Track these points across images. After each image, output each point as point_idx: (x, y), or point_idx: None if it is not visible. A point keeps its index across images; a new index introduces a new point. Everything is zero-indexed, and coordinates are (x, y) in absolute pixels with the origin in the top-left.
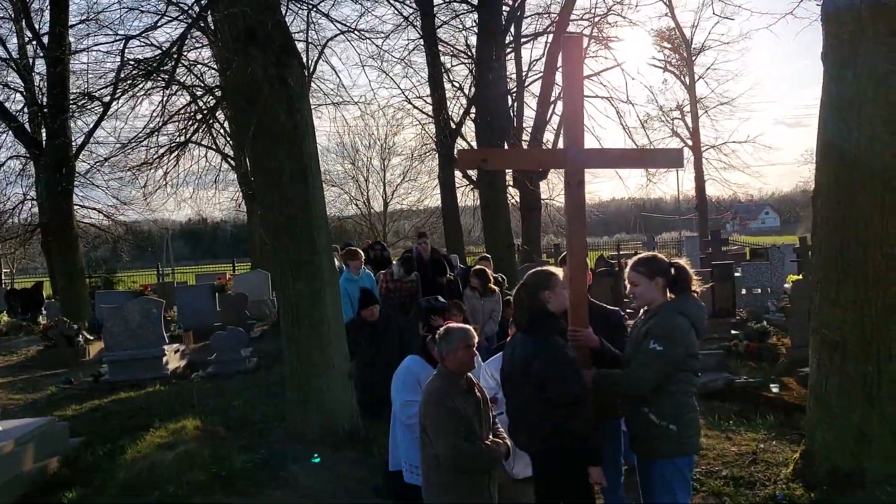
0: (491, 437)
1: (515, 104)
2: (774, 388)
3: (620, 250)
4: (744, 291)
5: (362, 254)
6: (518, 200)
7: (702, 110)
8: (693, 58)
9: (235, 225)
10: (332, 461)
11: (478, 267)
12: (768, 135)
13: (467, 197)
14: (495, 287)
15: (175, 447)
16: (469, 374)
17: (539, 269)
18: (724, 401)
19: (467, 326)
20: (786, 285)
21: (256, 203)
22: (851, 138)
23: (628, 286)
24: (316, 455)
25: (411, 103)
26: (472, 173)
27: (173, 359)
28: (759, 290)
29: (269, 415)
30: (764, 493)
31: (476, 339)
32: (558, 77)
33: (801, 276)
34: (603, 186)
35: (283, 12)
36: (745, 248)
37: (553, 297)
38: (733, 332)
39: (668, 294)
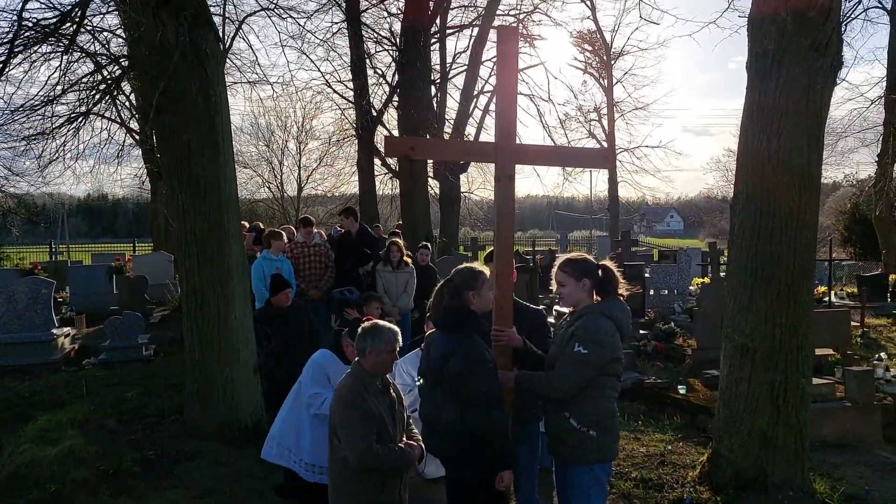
0: (405, 438)
1: (438, 95)
2: (682, 390)
3: (536, 246)
4: (651, 292)
5: (285, 235)
6: (437, 192)
7: (618, 114)
8: (612, 62)
9: (138, 203)
10: (234, 458)
11: (392, 240)
12: (676, 141)
13: (385, 185)
14: (408, 259)
15: (59, 442)
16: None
17: (465, 266)
18: (633, 400)
19: (396, 329)
20: (691, 287)
21: (162, 181)
22: (771, 147)
23: (554, 286)
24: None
25: (331, 87)
26: (392, 162)
27: (63, 344)
28: (666, 292)
29: (165, 407)
30: (673, 496)
31: (400, 342)
32: (482, 71)
33: (706, 280)
34: (520, 183)
35: None
36: (653, 249)
37: (477, 297)
38: (641, 331)
39: (595, 296)
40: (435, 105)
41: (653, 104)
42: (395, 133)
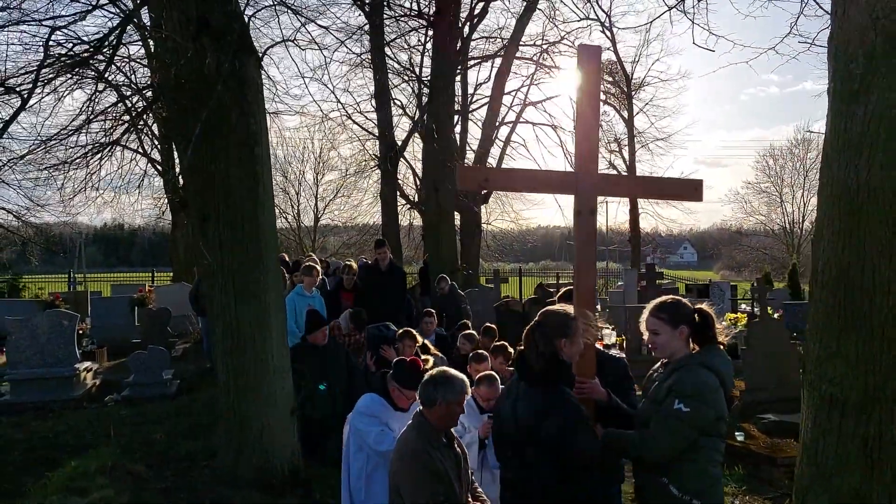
0: (471, 499)
1: (459, 125)
2: (740, 437)
3: (560, 279)
4: None
5: (319, 270)
6: (458, 224)
7: (639, 144)
8: (633, 92)
9: (155, 233)
10: None
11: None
12: (689, 173)
13: (403, 217)
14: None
15: (87, 492)
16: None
17: (555, 310)
18: None
19: (466, 378)
20: (724, 323)
21: (184, 212)
22: (861, 178)
23: (646, 334)
24: None
25: (352, 119)
26: (411, 194)
27: (85, 379)
28: None
29: (195, 451)
30: None
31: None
32: (506, 100)
33: (739, 315)
34: (534, 212)
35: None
36: (675, 282)
37: (569, 346)
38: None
39: (691, 345)
40: (457, 136)
41: (674, 135)
42: (417, 165)
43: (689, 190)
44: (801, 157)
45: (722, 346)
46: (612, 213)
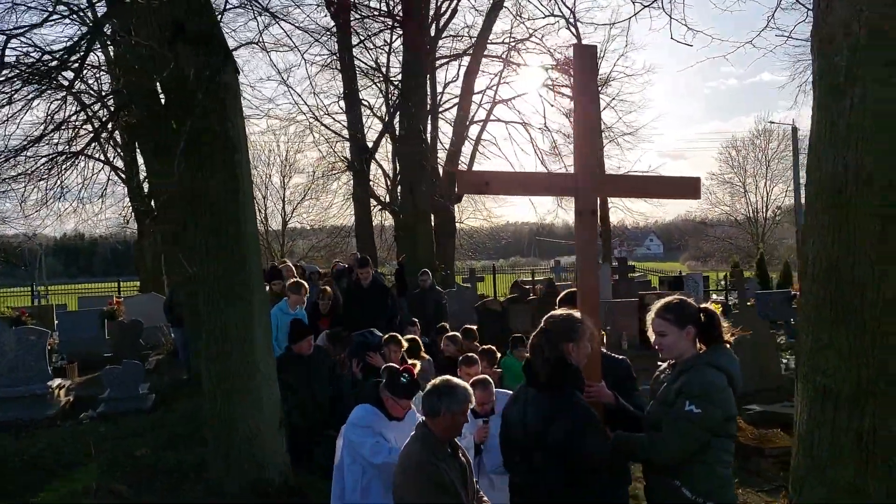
0: None
1: (430, 125)
2: None
3: (535, 275)
4: None
5: (307, 289)
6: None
7: (608, 140)
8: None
9: (119, 242)
10: None
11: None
12: (655, 167)
13: (375, 217)
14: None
15: None
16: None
17: (562, 314)
18: None
19: (469, 387)
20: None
21: (152, 220)
22: (849, 171)
23: (653, 335)
24: None
25: (319, 121)
26: (383, 195)
27: (59, 396)
28: None
29: (181, 464)
30: None
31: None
32: (476, 98)
33: (714, 306)
34: (504, 210)
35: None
36: (647, 275)
37: (576, 350)
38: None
39: (698, 344)
40: (428, 136)
41: (641, 129)
42: (387, 165)
43: (687, 189)
44: (763, 147)
45: (728, 345)
46: None
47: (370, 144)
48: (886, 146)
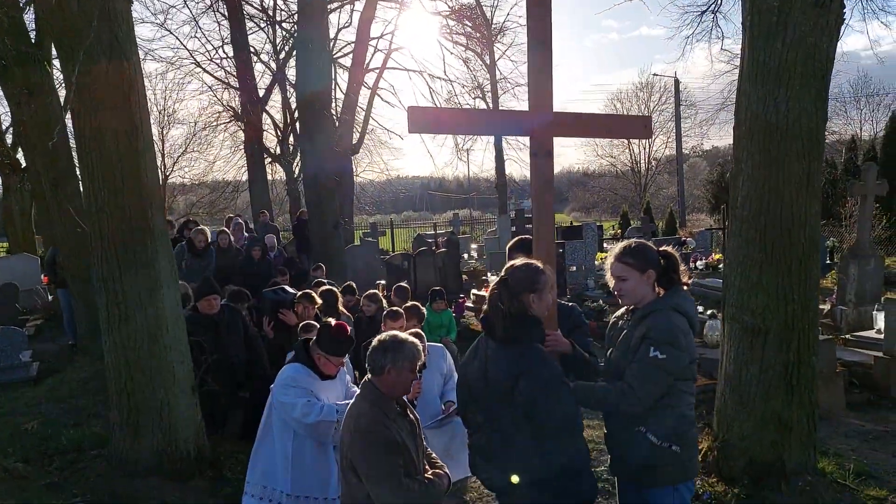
0: (427, 466)
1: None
2: None
3: (437, 229)
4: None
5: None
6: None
7: (503, 91)
8: (493, 38)
9: None
10: (180, 496)
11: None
12: None
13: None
14: None
15: None
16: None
17: (522, 264)
18: None
19: (419, 342)
20: (596, 262)
21: (22, 175)
22: (780, 112)
23: (611, 280)
24: None
25: (202, 67)
26: (272, 146)
27: None
28: (575, 268)
29: (80, 439)
30: None
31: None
32: (372, 44)
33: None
34: (399, 163)
35: None
36: None
37: (538, 301)
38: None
39: (657, 288)
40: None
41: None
42: (278, 115)
43: (638, 127)
44: (645, 99)
45: (686, 287)
46: (478, 160)
47: (261, 93)
48: (812, 87)
